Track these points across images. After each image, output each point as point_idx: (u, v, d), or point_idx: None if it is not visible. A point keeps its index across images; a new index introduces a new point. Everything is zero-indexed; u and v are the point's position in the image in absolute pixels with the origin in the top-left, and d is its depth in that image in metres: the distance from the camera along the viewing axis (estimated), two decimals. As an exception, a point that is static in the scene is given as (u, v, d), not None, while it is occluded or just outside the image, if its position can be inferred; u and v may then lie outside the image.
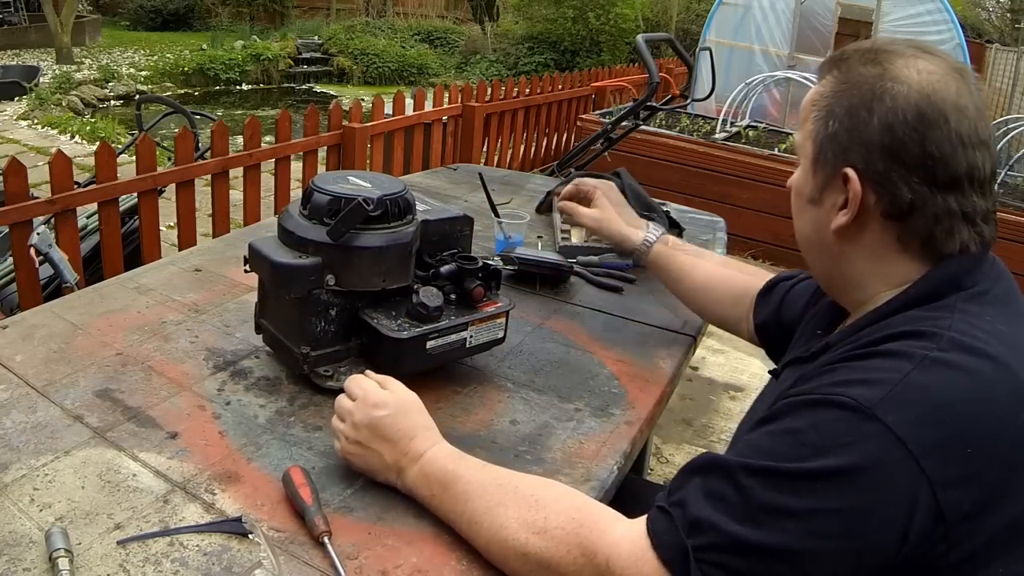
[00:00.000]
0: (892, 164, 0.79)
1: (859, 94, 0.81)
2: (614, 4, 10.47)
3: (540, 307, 1.48)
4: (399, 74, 11.83)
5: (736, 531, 0.69)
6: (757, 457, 0.72)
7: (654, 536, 0.74)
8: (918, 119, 0.77)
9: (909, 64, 0.80)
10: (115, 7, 14.62)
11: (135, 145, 2.96)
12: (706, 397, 3.06)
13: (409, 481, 0.90)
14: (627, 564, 0.74)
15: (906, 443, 0.66)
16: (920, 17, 6.06)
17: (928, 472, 0.66)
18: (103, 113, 8.58)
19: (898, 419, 0.67)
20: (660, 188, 4.66)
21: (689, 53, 2.76)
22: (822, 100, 0.85)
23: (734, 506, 0.70)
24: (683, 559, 0.71)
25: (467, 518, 0.85)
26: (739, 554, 0.69)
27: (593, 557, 0.77)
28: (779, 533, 0.68)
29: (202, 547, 0.81)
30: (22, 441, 0.95)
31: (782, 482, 0.69)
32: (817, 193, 0.86)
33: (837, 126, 0.82)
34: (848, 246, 0.85)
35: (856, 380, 0.72)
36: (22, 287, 2.49)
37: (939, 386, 0.69)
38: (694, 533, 0.71)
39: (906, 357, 0.71)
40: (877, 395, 0.69)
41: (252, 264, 1.10)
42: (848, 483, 0.67)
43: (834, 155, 0.83)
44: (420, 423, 0.93)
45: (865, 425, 0.68)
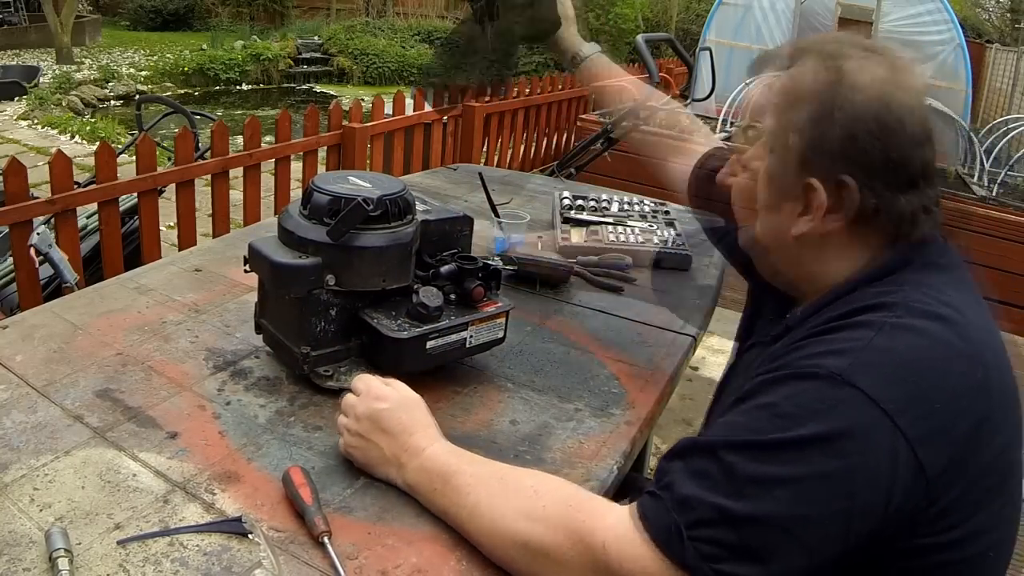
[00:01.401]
0: (855, 172, 0.80)
1: (818, 103, 0.81)
2: (613, 4, 10.48)
3: (540, 307, 1.48)
4: (399, 74, 11.83)
5: (725, 504, 0.70)
6: (736, 434, 0.74)
7: (645, 519, 0.75)
8: (879, 127, 0.79)
9: (862, 68, 0.80)
10: (115, 7, 14.62)
11: (135, 145, 2.96)
12: (706, 397, 3.05)
13: (409, 476, 0.91)
14: (621, 547, 0.75)
15: (879, 403, 0.69)
16: (920, 17, 6.07)
17: (903, 428, 0.69)
18: (103, 113, 8.58)
19: (869, 381, 0.70)
20: (660, 188, 4.65)
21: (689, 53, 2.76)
22: (775, 107, 0.85)
23: (719, 482, 0.72)
24: (677, 537, 0.72)
25: (467, 511, 0.85)
26: (731, 527, 0.70)
27: (589, 542, 0.77)
28: (768, 502, 0.69)
29: (202, 547, 0.81)
30: (22, 441, 0.95)
31: (764, 453, 0.71)
32: (775, 200, 0.87)
33: (797, 139, 0.82)
34: (808, 249, 0.86)
35: (824, 351, 0.74)
36: (22, 287, 2.49)
37: (901, 348, 0.73)
38: (684, 511, 0.72)
39: (867, 326, 0.75)
40: (845, 362, 0.72)
41: (252, 264, 1.10)
42: (830, 447, 0.69)
43: (797, 166, 0.83)
44: (421, 420, 0.94)
45: (838, 391, 0.70)
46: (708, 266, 1.79)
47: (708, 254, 1.87)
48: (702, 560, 0.70)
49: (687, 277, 1.71)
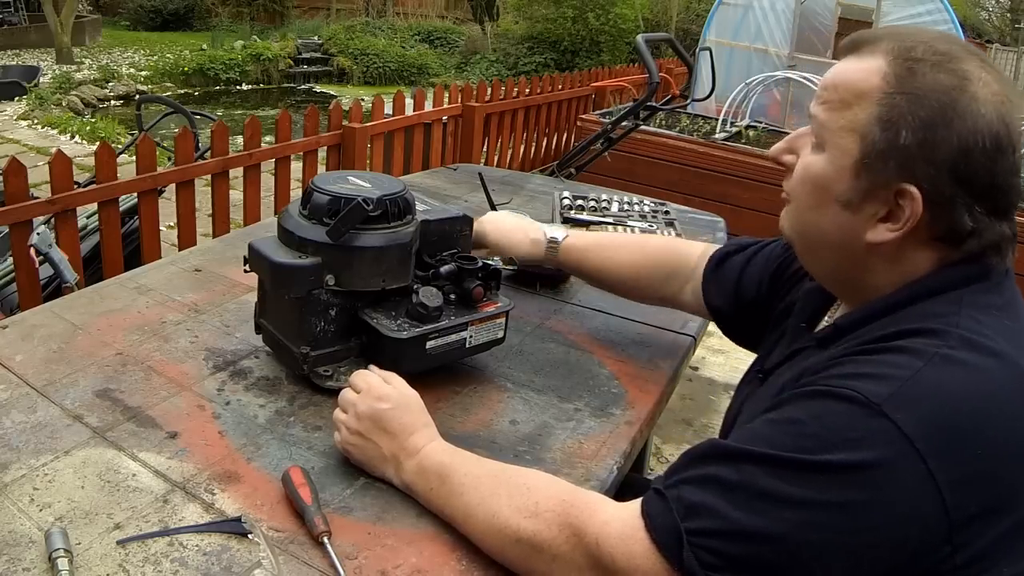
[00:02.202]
0: (959, 190, 0.73)
1: (936, 106, 0.72)
2: (614, 4, 10.48)
3: (540, 307, 1.48)
4: (399, 74, 11.83)
5: (733, 517, 0.68)
6: (759, 445, 0.70)
7: (648, 517, 0.73)
8: (994, 146, 0.72)
9: (980, 78, 0.73)
10: (115, 7, 14.62)
11: (135, 145, 2.96)
12: (706, 397, 3.06)
13: (406, 475, 0.91)
14: (616, 543, 0.74)
15: (913, 442, 0.65)
16: (920, 17, 6.07)
17: (935, 473, 0.65)
18: (103, 113, 8.58)
19: (906, 417, 0.65)
20: (660, 188, 4.66)
21: (689, 53, 2.76)
22: (886, 98, 0.74)
23: (732, 492, 0.69)
24: (676, 541, 0.70)
25: (463, 510, 0.86)
26: (734, 540, 0.68)
27: (583, 537, 0.76)
28: (777, 522, 0.67)
29: (202, 547, 0.81)
30: (22, 441, 0.95)
31: (783, 471, 0.68)
32: (856, 198, 0.77)
33: (909, 138, 0.73)
34: (879, 257, 0.79)
35: (864, 374, 0.69)
36: (22, 287, 2.48)
37: (949, 384, 0.67)
38: (690, 517, 0.70)
39: (916, 354, 0.69)
40: (886, 391, 0.67)
41: (252, 264, 1.10)
42: (852, 479, 0.65)
43: (896, 167, 0.74)
44: (420, 420, 0.95)
45: (872, 421, 0.66)
46: (708, 266, 1.79)
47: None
48: (700, 567, 0.68)
49: (687, 277, 1.71)
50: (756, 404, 0.88)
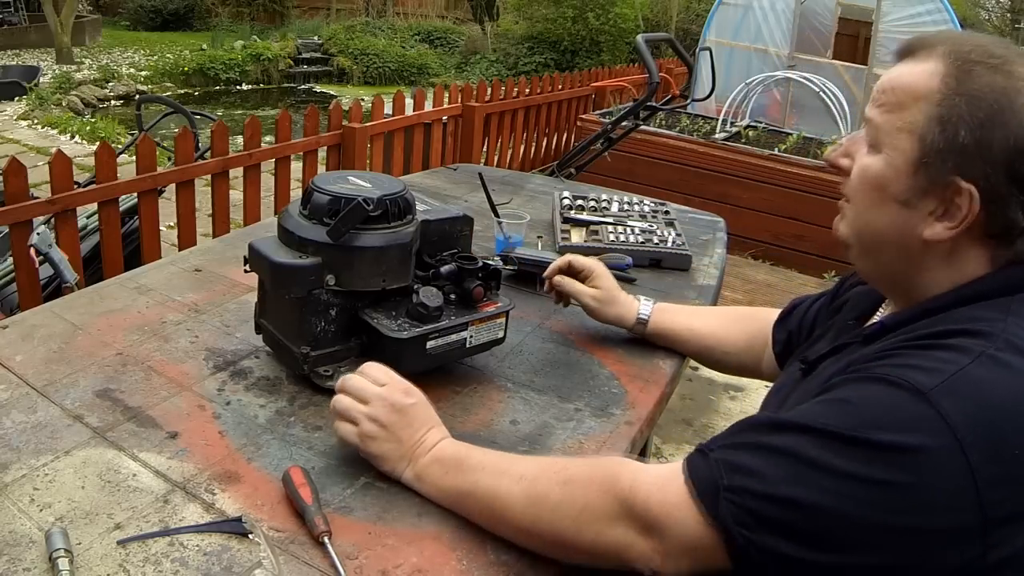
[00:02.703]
0: (1013, 187, 0.75)
1: (990, 106, 0.75)
2: (613, 4, 10.47)
3: (540, 307, 1.48)
4: (399, 74, 11.82)
5: (773, 480, 0.70)
6: (807, 419, 0.73)
7: (689, 468, 0.76)
8: None
9: None
10: (115, 7, 14.61)
11: (135, 145, 2.96)
12: (706, 397, 3.06)
13: (419, 466, 0.92)
14: (652, 487, 0.77)
15: (956, 432, 0.66)
16: (920, 17, 6.06)
17: (974, 465, 0.66)
18: (103, 113, 8.57)
19: (951, 408, 0.67)
20: (660, 188, 4.66)
21: (689, 53, 2.76)
22: (942, 98, 0.77)
23: (775, 457, 0.72)
24: (713, 492, 0.73)
25: (485, 481, 0.87)
26: (771, 503, 0.70)
27: (616, 482, 0.79)
28: (815, 491, 0.69)
29: (202, 547, 0.81)
30: (22, 441, 0.95)
31: (830, 443, 0.70)
32: (913, 196, 0.79)
33: (967, 137, 0.75)
34: (933, 256, 0.81)
35: (914, 365, 0.71)
36: (22, 287, 2.48)
37: (994, 384, 0.69)
38: (731, 474, 0.73)
39: (964, 351, 0.71)
40: (933, 381, 0.69)
41: (252, 264, 1.10)
42: (895, 460, 0.67)
43: (954, 165, 0.76)
44: (435, 417, 0.97)
45: (918, 407, 0.68)
46: (708, 266, 1.79)
47: (708, 254, 1.87)
48: (734, 522, 0.71)
49: (687, 277, 1.71)
50: (802, 394, 0.89)
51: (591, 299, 1.32)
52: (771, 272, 4.62)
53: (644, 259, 1.72)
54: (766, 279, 4.46)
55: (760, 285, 4.33)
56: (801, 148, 5.19)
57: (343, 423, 0.95)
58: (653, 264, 1.72)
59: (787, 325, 1.19)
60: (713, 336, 1.31)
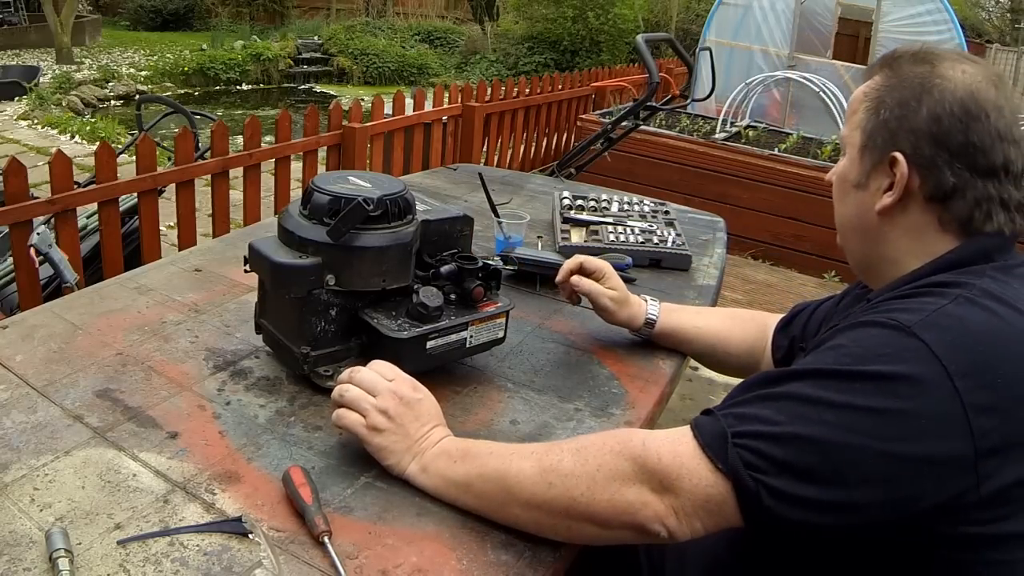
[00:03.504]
0: (938, 150, 0.85)
1: (909, 87, 0.87)
2: (613, 4, 10.47)
3: (540, 307, 1.48)
4: (399, 74, 11.83)
5: (776, 420, 0.75)
6: (801, 366, 0.80)
7: (696, 427, 0.81)
8: (963, 112, 0.84)
9: (955, 66, 0.87)
10: (115, 7, 14.61)
11: (135, 145, 2.96)
12: (706, 397, 3.06)
13: (426, 459, 0.93)
14: (663, 443, 0.81)
15: (942, 360, 0.72)
16: (920, 17, 6.06)
17: (961, 392, 0.71)
18: (103, 113, 8.58)
19: (934, 338, 0.73)
20: (660, 188, 4.66)
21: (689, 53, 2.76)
22: (873, 93, 0.91)
23: (776, 401, 0.77)
24: (722, 442, 0.77)
25: (494, 463, 0.89)
26: (776, 442, 0.74)
27: (628, 442, 0.82)
28: (817, 424, 0.73)
29: (202, 547, 0.81)
30: (22, 441, 0.95)
31: (825, 380, 0.76)
32: (863, 177, 0.91)
33: (888, 114, 0.88)
34: (889, 227, 0.90)
35: (897, 308, 0.79)
36: (22, 287, 2.49)
37: (972, 319, 0.76)
38: (735, 422, 0.78)
39: (942, 295, 0.79)
40: (915, 318, 0.76)
41: (252, 264, 1.10)
42: (887, 387, 0.73)
43: (883, 141, 0.88)
44: (441, 415, 0.99)
45: (904, 339, 0.74)
46: (708, 266, 1.79)
47: (708, 254, 1.87)
48: (743, 467, 0.75)
49: (687, 277, 1.71)
50: None
51: (609, 300, 1.30)
52: (771, 272, 4.62)
53: (644, 259, 1.72)
54: (766, 279, 4.46)
55: (760, 285, 4.33)
56: (801, 148, 5.19)
57: (349, 413, 0.94)
58: (653, 264, 1.73)
59: (789, 332, 1.21)
60: (717, 335, 1.32)
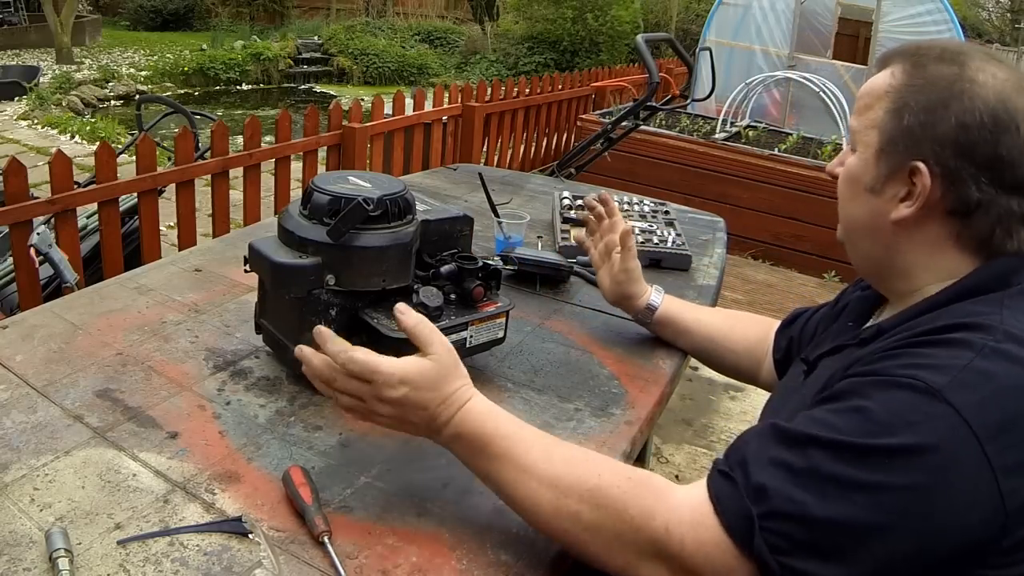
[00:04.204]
0: (963, 162, 0.80)
1: (936, 91, 0.81)
2: (611, 6, 10.47)
3: (540, 307, 1.48)
4: (399, 74, 11.83)
5: (803, 500, 0.70)
6: (825, 431, 0.73)
7: (717, 502, 0.75)
8: (993, 121, 0.79)
9: (984, 68, 0.81)
10: (115, 7, 14.61)
11: (135, 145, 2.96)
12: (706, 397, 3.06)
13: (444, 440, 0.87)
14: (687, 529, 0.75)
15: (971, 425, 0.68)
16: (920, 17, 6.06)
17: (991, 457, 0.68)
18: (103, 113, 8.58)
19: (964, 401, 0.69)
20: (660, 188, 4.66)
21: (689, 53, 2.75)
22: (895, 92, 0.84)
23: (801, 476, 0.71)
24: (747, 526, 0.72)
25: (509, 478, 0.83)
26: (805, 524, 0.70)
27: (651, 521, 0.77)
28: (847, 505, 0.69)
29: (202, 547, 0.81)
30: (22, 441, 0.95)
31: (851, 456, 0.70)
32: (879, 183, 0.86)
33: (912, 120, 0.82)
34: (903, 237, 0.86)
35: (923, 364, 0.73)
36: (22, 287, 2.49)
37: (1000, 374, 0.71)
38: (759, 500, 0.72)
39: (968, 346, 0.73)
40: (944, 379, 0.71)
41: (252, 264, 1.10)
42: (916, 460, 0.69)
43: (905, 148, 0.83)
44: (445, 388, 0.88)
45: (933, 406, 0.70)
46: (708, 266, 1.79)
47: (708, 254, 1.87)
48: (770, 552, 0.70)
49: (687, 277, 1.71)
50: (805, 394, 0.90)
51: (622, 270, 1.30)
52: (771, 272, 4.62)
53: (644, 259, 1.71)
54: (766, 279, 4.46)
55: (760, 285, 4.33)
56: (801, 148, 5.19)
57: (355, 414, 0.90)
58: (653, 264, 1.72)
59: (789, 332, 1.20)
60: (719, 332, 1.30)
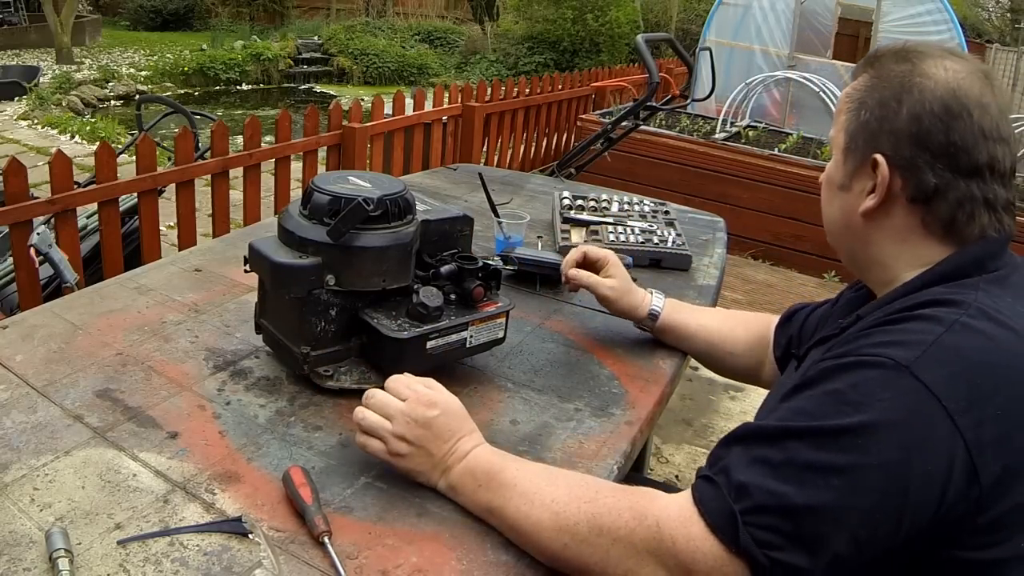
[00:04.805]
0: (918, 151, 0.83)
1: (890, 87, 0.86)
2: (610, 7, 10.47)
3: (540, 307, 1.48)
4: (399, 74, 11.83)
5: (783, 492, 0.72)
6: (799, 419, 0.75)
7: (700, 504, 0.77)
8: (944, 111, 0.82)
9: (937, 63, 0.85)
10: (115, 7, 14.61)
11: (135, 145, 2.96)
12: (706, 397, 3.06)
13: (453, 477, 0.91)
14: (676, 525, 0.77)
15: (940, 399, 0.70)
16: (920, 17, 6.06)
17: (962, 429, 0.70)
18: (103, 113, 8.58)
19: (933, 377, 0.71)
20: (660, 188, 4.66)
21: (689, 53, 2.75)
22: (855, 94, 0.90)
23: (779, 468, 0.73)
24: (731, 523, 0.74)
25: (515, 502, 0.86)
26: (787, 515, 0.72)
27: (644, 519, 0.79)
28: (825, 491, 0.71)
29: (202, 547, 0.81)
30: (22, 441, 0.95)
31: (825, 440, 0.72)
32: (847, 179, 0.91)
33: (868, 116, 0.87)
34: (874, 229, 0.89)
35: (891, 342, 0.75)
36: (22, 287, 2.49)
37: (968, 348, 0.73)
38: (741, 497, 0.74)
39: (937, 321, 0.76)
40: (912, 354, 0.73)
41: (252, 264, 1.10)
42: (888, 437, 0.70)
43: (864, 143, 0.87)
44: (467, 426, 0.95)
45: (902, 381, 0.72)
46: (708, 266, 1.79)
47: (708, 254, 1.87)
48: (756, 546, 0.72)
49: (687, 277, 1.71)
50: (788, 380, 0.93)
51: (608, 289, 1.32)
52: (771, 272, 4.62)
53: (644, 259, 1.72)
54: (766, 279, 4.46)
55: (760, 285, 4.33)
56: (801, 148, 5.19)
57: (371, 440, 0.93)
58: (653, 264, 1.72)
59: (787, 330, 1.20)
60: (719, 333, 1.31)
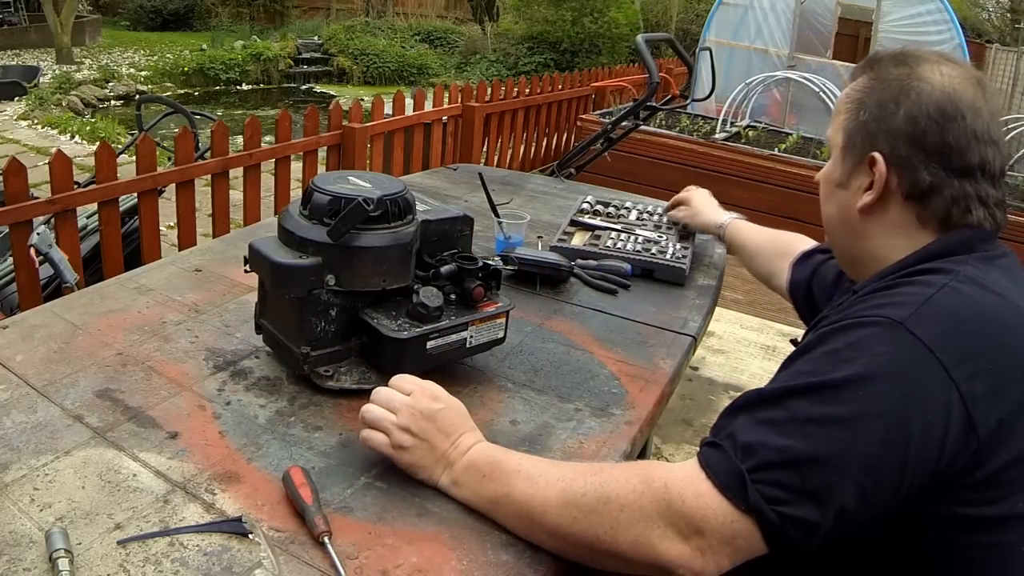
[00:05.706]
0: (914, 150, 0.88)
1: (888, 89, 0.91)
2: (608, 8, 10.47)
3: (540, 307, 1.48)
4: (399, 74, 11.83)
5: (788, 446, 0.74)
6: (797, 379, 0.78)
7: (707, 468, 0.78)
8: (939, 113, 0.87)
9: (934, 68, 0.90)
10: (115, 7, 14.62)
11: (135, 145, 2.96)
12: (706, 397, 3.06)
13: (456, 472, 0.92)
14: (684, 483, 0.79)
15: (934, 352, 0.74)
16: (920, 17, 6.06)
17: (957, 382, 0.73)
18: (103, 113, 8.58)
19: (926, 331, 0.75)
20: (660, 188, 4.65)
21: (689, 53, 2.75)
22: (854, 95, 0.95)
23: (783, 426, 0.76)
24: (740, 483, 0.75)
25: (522, 486, 0.87)
26: (792, 468, 0.74)
27: (651, 482, 0.81)
28: (829, 442, 0.73)
29: (202, 547, 0.81)
30: (22, 441, 0.95)
31: (826, 394, 0.75)
32: (845, 177, 0.95)
33: (867, 116, 0.92)
34: (871, 224, 0.93)
35: (886, 303, 0.80)
36: (22, 287, 2.48)
37: (959, 307, 0.78)
38: (747, 457, 0.76)
39: (928, 284, 0.81)
40: (906, 312, 0.77)
41: (252, 264, 1.10)
42: (887, 387, 0.73)
43: (862, 141, 0.92)
44: (468, 423, 0.96)
45: (897, 335, 0.76)
46: (708, 266, 1.79)
47: (708, 254, 1.87)
48: (765, 502, 0.73)
49: (687, 277, 1.70)
50: None
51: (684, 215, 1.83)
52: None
53: (637, 268, 1.70)
54: (766, 279, 4.45)
55: (760, 285, 4.32)
56: (801, 148, 5.19)
57: (374, 433, 0.94)
58: (645, 274, 1.69)
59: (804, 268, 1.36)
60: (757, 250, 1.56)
